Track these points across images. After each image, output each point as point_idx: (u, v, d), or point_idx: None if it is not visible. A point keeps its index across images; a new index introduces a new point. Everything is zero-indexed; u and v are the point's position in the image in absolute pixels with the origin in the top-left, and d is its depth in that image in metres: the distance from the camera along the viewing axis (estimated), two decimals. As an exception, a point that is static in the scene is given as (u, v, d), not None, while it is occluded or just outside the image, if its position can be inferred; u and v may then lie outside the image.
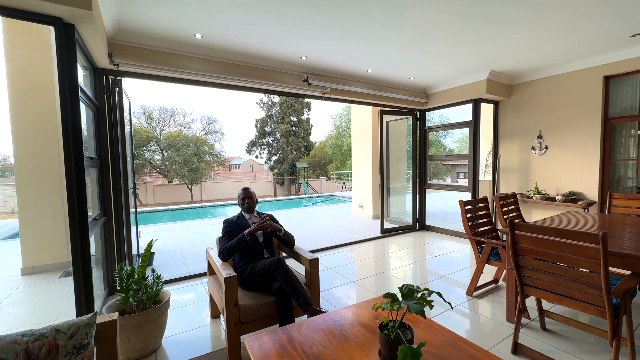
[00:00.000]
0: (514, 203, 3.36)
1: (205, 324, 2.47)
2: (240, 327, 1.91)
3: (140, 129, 18.23)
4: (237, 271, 2.21)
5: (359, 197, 7.19)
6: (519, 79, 4.62)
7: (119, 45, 2.92)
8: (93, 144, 2.88)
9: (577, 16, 2.72)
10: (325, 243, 4.76)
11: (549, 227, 1.71)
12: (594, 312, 1.67)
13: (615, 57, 3.67)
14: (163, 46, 3.10)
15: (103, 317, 1.41)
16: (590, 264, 1.59)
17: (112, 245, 3.09)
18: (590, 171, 4.00)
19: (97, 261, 3.22)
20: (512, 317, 2.37)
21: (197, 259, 4.09)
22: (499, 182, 5.03)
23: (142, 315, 1.95)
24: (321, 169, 26.74)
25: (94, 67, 2.87)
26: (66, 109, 2.00)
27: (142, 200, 16.35)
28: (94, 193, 2.99)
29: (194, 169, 17.74)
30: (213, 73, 3.40)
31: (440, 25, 2.83)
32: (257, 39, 3.05)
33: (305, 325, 1.47)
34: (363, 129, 6.89)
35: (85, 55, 2.51)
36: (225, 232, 2.28)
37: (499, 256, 2.69)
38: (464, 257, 4.02)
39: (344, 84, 4.28)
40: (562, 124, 4.24)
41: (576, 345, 2.05)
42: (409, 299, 1.13)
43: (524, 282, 1.95)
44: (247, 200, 2.40)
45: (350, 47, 3.32)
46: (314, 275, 2.18)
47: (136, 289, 2.03)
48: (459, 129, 5.31)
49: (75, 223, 2.03)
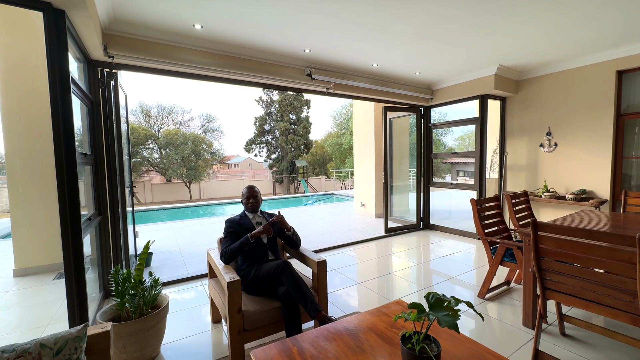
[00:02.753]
0: (526, 202, 3.25)
1: (206, 329, 2.34)
2: (244, 334, 1.79)
3: (138, 127, 18.04)
4: (239, 274, 2.08)
5: (361, 195, 7.07)
6: (528, 74, 4.50)
7: (114, 36, 2.77)
8: (87, 140, 2.74)
9: (594, 7, 2.59)
10: (327, 243, 4.64)
11: (578, 228, 1.59)
12: (626, 319, 1.55)
13: (629, 51, 3.55)
14: (161, 37, 2.95)
15: (95, 328, 1.28)
16: (624, 268, 1.47)
17: (108, 245, 2.95)
18: (601, 169, 3.88)
19: (93, 262, 3.09)
20: (529, 322, 2.25)
21: (197, 260, 3.96)
22: (505, 180, 4.92)
23: (139, 322, 1.82)
24: (320, 167, 26.61)
25: (87, 59, 2.73)
26: (57, 102, 1.86)
27: (140, 198, 16.18)
28: (88, 191, 2.86)
29: (193, 167, 17.60)
30: (213, 66, 3.26)
31: (451, 15, 2.70)
32: (260, 30, 2.91)
33: (317, 335, 1.35)
34: (365, 126, 6.76)
35: (77, 45, 2.37)
36: (228, 233, 2.14)
37: (513, 257, 2.57)
38: (471, 258, 3.90)
39: (349, 79, 4.15)
40: (572, 121, 4.13)
41: (600, 352, 1.94)
42: (437, 310, 1.01)
43: (546, 286, 1.84)
44: (252, 200, 2.27)
45: (356, 39, 3.18)
46: (322, 279, 2.05)
47: (132, 293, 1.90)
48: (460, 127, 5.19)
49: (67, 223, 1.90)
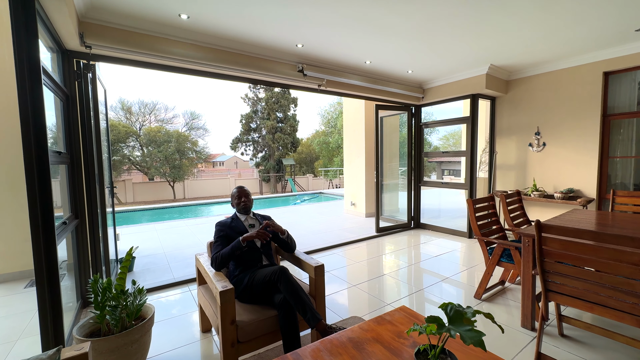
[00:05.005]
0: (518, 201, 3.25)
1: (195, 339, 2.19)
2: (238, 347, 1.66)
3: (118, 124, 17.36)
4: (232, 281, 1.95)
5: (351, 194, 7.00)
6: (517, 74, 4.53)
7: (92, 25, 2.56)
8: (62, 137, 2.52)
9: (588, 6, 2.60)
10: (319, 244, 4.53)
11: (584, 229, 1.56)
12: (632, 322, 1.53)
13: (615, 53, 3.61)
14: (144, 27, 2.76)
15: (71, 350, 1.13)
16: (633, 270, 1.44)
17: (86, 250, 2.74)
18: (588, 168, 3.96)
19: (69, 268, 2.87)
20: (528, 323, 2.23)
21: (183, 263, 3.77)
22: (495, 180, 4.96)
23: (121, 337, 1.66)
24: (307, 165, 26.46)
25: (62, 49, 2.51)
26: (25, 94, 1.66)
27: (121, 198, 15.57)
28: (64, 192, 2.64)
29: (177, 166, 17.11)
30: (200, 60, 3.08)
31: (449, 11, 2.64)
32: (250, 21, 2.76)
33: (320, 348, 1.25)
34: (356, 124, 6.69)
35: (50, 33, 2.16)
36: (218, 237, 2.00)
37: (510, 258, 2.55)
38: (462, 257, 3.90)
39: (341, 76, 4.05)
40: (561, 121, 4.19)
41: (600, 353, 1.93)
42: (458, 325, 0.93)
43: (549, 288, 1.80)
44: (244, 199, 2.13)
45: (350, 35, 3.08)
46: (320, 284, 1.95)
47: (114, 305, 1.74)
48: (444, 126, 5.18)
49: (39, 228, 1.71)
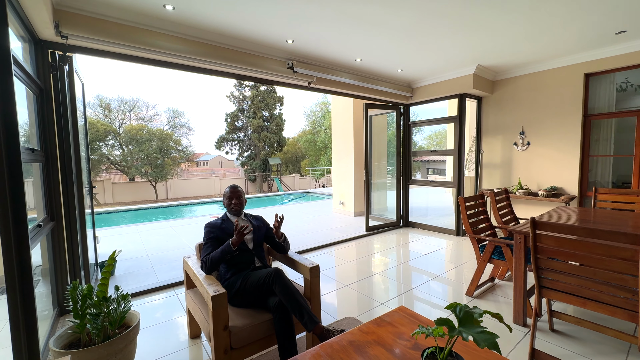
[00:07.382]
0: (506, 199, 3.31)
1: (183, 346, 2.09)
2: (231, 353, 1.58)
3: (97, 122, 16.66)
4: (223, 284, 1.86)
5: (339, 194, 6.98)
6: (503, 74, 4.63)
7: (68, 13, 2.40)
8: (36, 133, 2.35)
9: (577, 8, 2.66)
10: (308, 243, 4.48)
11: (579, 226, 1.58)
12: (623, 316, 1.56)
13: (596, 55, 3.74)
14: (125, 18, 2.61)
15: (48, 365, 1.03)
16: (625, 265, 1.47)
17: (63, 253, 2.57)
18: (570, 167, 4.09)
19: (44, 273, 2.70)
20: (520, 319, 2.26)
21: (169, 266, 3.62)
22: (481, 178, 5.05)
23: (103, 347, 1.54)
24: (294, 165, 26.30)
25: (35, 39, 2.33)
26: (-6, 85, 1.52)
27: (100, 199, 14.95)
28: (38, 193, 2.46)
29: (159, 165, 16.58)
30: (185, 53, 2.95)
31: (441, 10, 2.64)
32: (239, 14, 2.67)
33: (320, 353, 1.19)
34: (344, 123, 6.66)
35: (21, 20, 2.00)
36: (208, 239, 1.91)
37: (501, 255, 2.58)
38: (451, 255, 3.94)
39: (331, 73, 4.00)
40: (544, 121, 4.30)
41: (590, 347, 1.97)
42: (468, 327, 0.89)
43: (543, 284, 1.82)
44: (235, 201, 2.04)
45: (342, 31, 3.04)
46: (315, 286, 1.89)
47: (95, 312, 1.62)
48: (428, 126, 5.23)
49: (10, 231, 1.57)
